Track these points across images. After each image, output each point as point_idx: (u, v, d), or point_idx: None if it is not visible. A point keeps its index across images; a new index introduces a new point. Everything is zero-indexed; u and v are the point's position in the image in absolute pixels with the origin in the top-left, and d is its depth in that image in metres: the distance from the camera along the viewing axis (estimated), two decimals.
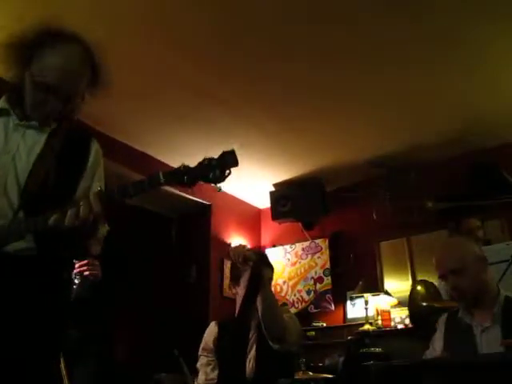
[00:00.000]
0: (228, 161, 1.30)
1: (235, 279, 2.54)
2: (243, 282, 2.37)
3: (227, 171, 1.29)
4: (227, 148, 1.30)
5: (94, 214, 1.25)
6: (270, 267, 2.63)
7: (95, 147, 1.59)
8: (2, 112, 1.47)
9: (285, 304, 5.43)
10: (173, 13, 3.11)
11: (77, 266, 2.55)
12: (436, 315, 2.68)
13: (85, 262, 2.56)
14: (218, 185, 1.29)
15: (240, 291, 2.43)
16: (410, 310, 3.89)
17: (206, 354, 2.50)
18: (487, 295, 2.00)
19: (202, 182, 1.30)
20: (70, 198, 1.40)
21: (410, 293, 3.79)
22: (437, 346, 2.10)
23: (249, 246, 5.67)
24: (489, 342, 1.90)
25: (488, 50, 3.50)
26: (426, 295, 3.13)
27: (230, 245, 5.38)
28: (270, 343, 2.28)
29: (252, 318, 2.28)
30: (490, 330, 1.93)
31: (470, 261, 2.02)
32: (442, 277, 2.09)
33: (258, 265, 2.22)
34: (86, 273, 2.57)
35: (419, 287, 3.20)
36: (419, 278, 4.77)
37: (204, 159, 1.31)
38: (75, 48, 1.46)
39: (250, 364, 2.33)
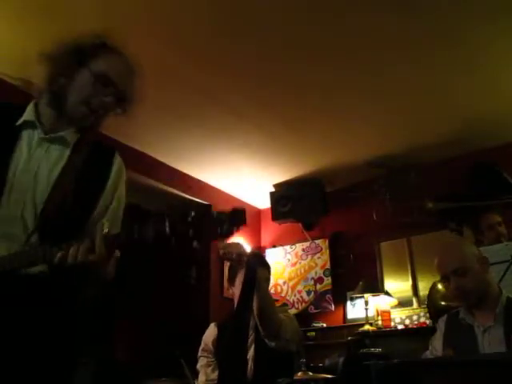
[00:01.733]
0: (237, 219, 1.23)
1: (231, 279, 2.54)
2: (239, 281, 2.38)
3: (235, 229, 1.23)
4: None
5: (97, 257, 1.21)
6: (267, 267, 2.63)
7: (118, 163, 1.55)
8: (27, 124, 1.44)
9: (285, 304, 5.43)
10: (173, 12, 3.11)
11: None
12: None
13: None
14: (228, 238, 1.26)
15: (236, 291, 2.43)
16: (428, 308, 3.86)
17: (206, 354, 2.51)
18: (489, 296, 2.00)
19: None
20: (89, 218, 1.40)
21: (429, 292, 3.78)
22: (437, 346, 2.10)
23: (245, 246, 5.67)
24: (491, 342, 1.89)
25: (488, 50, 3.49)
26: (446, 294, 3.11)
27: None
28: (266, 341, 2.29)
29: (250, 317, 2.28)
30: (492, 329, 1.93)
31: (472, 261, 2.03)
32: (444, 278, 2.08)
33: (252, 264, 2.21)
34: None
35: (439, 286, 3.19)
36: (419, 280, 4.78)
37: (214, 215, 1.23)
38: (129, 59, 1.54)
39: (248, 364, 2.33)
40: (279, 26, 3.25)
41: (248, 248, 5.60)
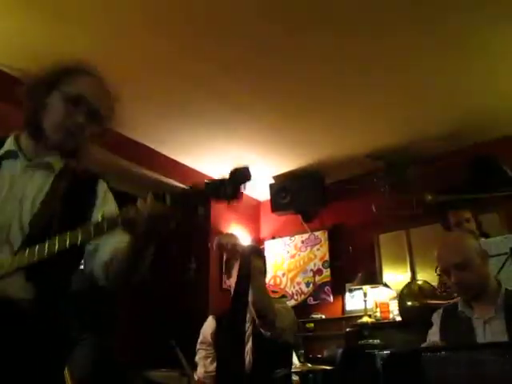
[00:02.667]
0: (239, 177, 1.22)
1: (228, 271, 2.55)
2: (235, 273, 2.38)
3: (240, 190, 1.22)
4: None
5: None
6: (262, 258, 2.64)
7: (103, 189, 1.54)
8: (9, 154, 1.43)
9: (284, 296, 5.45)
10: (170, 5, 3.09)
11: None
12: (429, 313, 2.70)
13: None
14: (233, 201, 1.24)
15: (233, 283, 2.44)
16: (399, 308, 3.91)
17: (204, 347, 2.52)
18: (489, 288, 2.02)
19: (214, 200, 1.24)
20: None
21: (399, 298, 3.82)
22: (433, 340, 2.11)
23: (245, 237, 5.68)
24: (493, 333, 1.92)
25: (488, 44, 3.48)
26: (416, 295, 3.16)
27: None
28: (262, 331, 2.30)
29: (246, 309, 2.29)
30: (493, 321, 1.95)
31: (473, 255, 2.04)
32: (444, 271, 2.10)
33: (246, 255, 2.21)
34: None
35: (414, 286, 3.23)
36: (418, 272, 4.79)
37: (215, 180, 1.23)
38: (102, 79, 1.52)
39: (247, 357, 2.34)
40: (280, 16, 3.24)
41: (246, 240, 5.62)
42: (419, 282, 3.76)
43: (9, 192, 1.37)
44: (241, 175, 1.22)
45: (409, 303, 3.59)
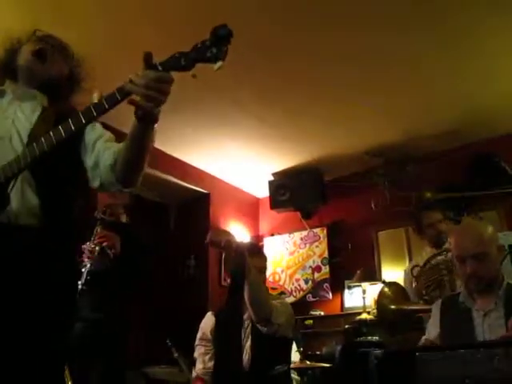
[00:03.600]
0: (221, 37, 1.23)
1: (227, 268, 2.56)
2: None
3: (224, 47, 1.23)
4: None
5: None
6: (263, 256, 2.64)
7: None
8: None
9: (282, 293, 5.45)
10: (170, 1, 3.09)
11: (96, 237, 2.63)
12: (404, 317, 2.70)
13: (104, 233, 2.65)
14: (219, 63, 1.24)
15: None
16: (378, 312, 3.91)
17: (203, 343, 2.52)
18: (496, 282, 2.01)
19: (201, 64, 1.27)
20: (72, 154, 1.51)
21: (378, 296, 3.81)
22: (432, 331, 2.11)
23: (244, 234, 5.68)
24: (491, 325, 1.91)
25: (487, 41, 3.47)
26: (394, 298, 3.15)
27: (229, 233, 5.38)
28: (258, 327, 2.30)
29: (242, 305, 2.29)
30: (492, 313, 1.95)
31: (491, 247, 2.01)
32: (459, 258, 2.05)
33: (241, 251, 2.21)
34: (105, 243, 2.63)
35: (386, 289, 3.21)
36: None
37: (197, 43, 1.27)
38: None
39: (246, 354, 2.34)
40: (278, 14, 3.23)
41: (245, 237, 5.62)
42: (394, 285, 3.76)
43: (2, 115, 1.52)
44: (222, 33, 1.22)
45: (385, 303, 3.58)
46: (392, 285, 3.50)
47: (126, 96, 1.27)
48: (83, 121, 1.31)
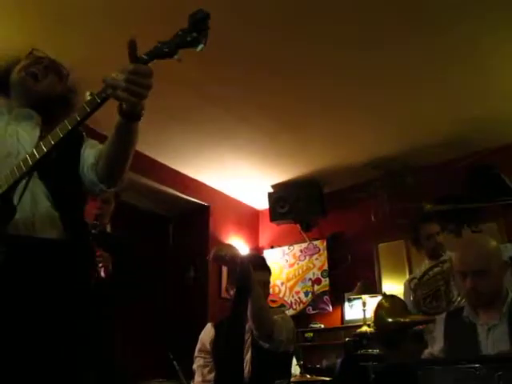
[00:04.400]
0: (199, 20, 1.30)
1: (232, 281, 2.54)
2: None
3: (203, 31, 1.30)
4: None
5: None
6: (267, 270, 2.63)
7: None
8: None
9: (283, 305, 5.43)
10: (169, 12, 3.11)
11: None
12: (402, 330, 2.69)
13: (99, 253, 2.62)
14: (200, 45, 1.31)
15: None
16: (375, 325, 3.89)
17: (203, 355, 2.50)
18: (499, 297, 2.00)
19: (183, 49, 1.33)
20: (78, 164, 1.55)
21: (375, 309, 3.80)
22: (436, 346, 2.09)
23: (243, 246, 5.67)
24: (495, 340, 1.89)
25: (487, 53, 3.50)
26: (392, 310, 3.14)
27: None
28: (260, 343, 2.29)
29: (245, 320, 2.28)
30: (496, 328, 1.93)
31: (495, 264, 2.00)
32: (460, 274, 2.05)
33: (245, 265, 2.20)
34: (100, 264, 2.61)
35: (384, 302, 3.20)
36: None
37: (178, 31, 1.33)
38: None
39: (246, 367, 2.33)
40: (279, 26, 3.26)
41: (244, 249, 5.61)
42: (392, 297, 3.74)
43: (3, 133, 1.52)
44: (199, 18, 1.29)
45: (383, 316, 3.56)
46: (390, 297, 3.49)
47: (108, 95, 1.31)
48: (78, 118, 1.34)
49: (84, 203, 1.62)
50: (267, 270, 2.62)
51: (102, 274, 2.65)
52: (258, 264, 2.54)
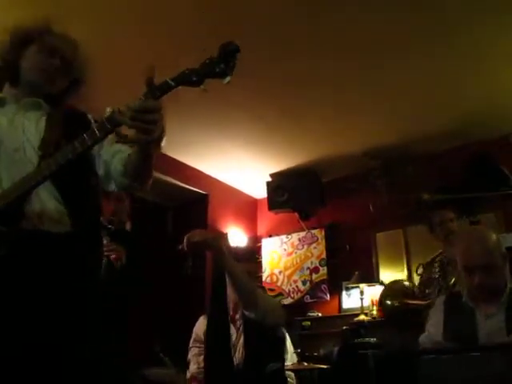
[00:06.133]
0: (229, 52, 1.33)
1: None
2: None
3: (232, 63, 1.33)
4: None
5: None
6: (253, 262, 2.65)
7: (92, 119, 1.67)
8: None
9: (280, 294, 5.45)
10: (169, 6, 3.08)
11: (104, 249, 2.61)
12: (411, 312, 2.71)
13: (113, 247, 2.63)
14: (228, 78, 1.35)
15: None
16: (383, 311, 3.95)
17: (197, 345, 2.56)
18: (500, 288, 1.99)
19: (210, 79, 1.35)
20: (85, 159, 1.50)
21: (380, 295, 3.85)
22: (435, 330, 2.07)
23: (242, 235, 5.67)
24: (492, 329, 1.89)
25: (489, 43, 3.48)
26: (397, 295, 3.18)
27: (226, 234, 5.38)
28: (246, 313, 2.30)
29: (225, 297, 2.29)
30: (494, 317, 1.93)
31: (498, 257, 1.99)
32: (466, 268, 2.02)
33: (217, 245, 2.22)
34: (113, 256, 2.62)
35: (387, 287, 3.25)
36: (414, 270, 4.82)
37: (206, 59, 1.35)
38: (70, 36, 1.68)
39: (239, 352, 2.35)
40: (278, 19, 3.23)
41: (243, 238, 5.62)
42: (401, 282, 3.79)
43: (10, 125, 1.49)
44: (229, 50, 1.32)
45: (388, 302, 3.62)
46: (393, 283, 3.53)
47: (115, 126, 1.30)
48: (88, 143, 1.33)
49: (95, 197, 1.59)
50: (253, 262, 2.64)
51: (117, 266, 2.66)
52: (245, 256, 2.58)
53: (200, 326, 2.61)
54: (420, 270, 3.25)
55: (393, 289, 3.56)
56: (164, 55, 3.54)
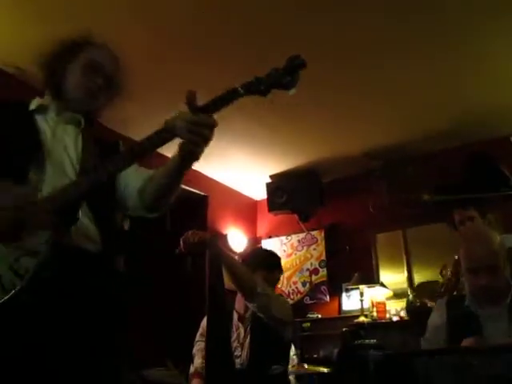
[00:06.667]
0: (296, 66, 1.34)
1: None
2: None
3: (296, 75, 1.35)
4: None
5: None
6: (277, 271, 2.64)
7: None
8: (41, 108, 1.58)
9: (280, 295, 5.43)
10: (168, 6, 3.08)
11: None
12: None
13: None
14: (293, 90, 1.38)
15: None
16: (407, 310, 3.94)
17: (203, 339, 2.54)
18: (504, 289, 1.96)
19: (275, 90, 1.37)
20: (116, 182, 1.56)
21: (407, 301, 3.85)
22: (437, 333, 2.03)
23: (242, 236, 5.66)
24: (496, 332, 1.87)
25: (489, 43, 3.47)
26: (422, 295, 3.17)
27: (226, 236, 5.37)
28: (247, 303, 2.30)
29: (223, 292, 2.30)
30: (498, 320, 1.90)
31: (503, 257, 1.96)
32: (470, 270, 1.98)
33: (214, 243, 2.26)
34: None
35: (415, 289, 3.24)
36: (415, 271, 4.81)
37: (272, 69, 1.39)
38: (111, 49, 1.70)
39: (244, 351, 2.35)
40: (278, 20, 3.23)
41: (242, 239, 5.61)
42: (425, 282, 3.78)
43: (53, 138, 1.51)
44: (295, 63, 1.34)
45: (412, 301, 3.60)
46: (426, 283, 3.50)
47: (172, 136, 1.37)
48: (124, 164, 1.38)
49: (119, 219, 1.63)
50: (281, 269, 2.64)
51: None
52: (274, 263, 2.58)
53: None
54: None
55: (421, 288, 3.54)
56: (165, 56, 3.54)
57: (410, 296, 3.93)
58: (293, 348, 3.32)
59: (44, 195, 1.34)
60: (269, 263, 2.62)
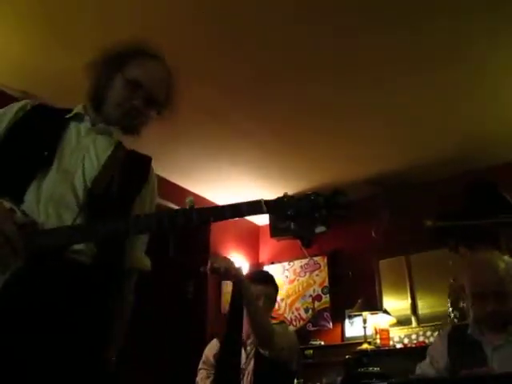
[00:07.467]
0: (339, 203, 1.17)
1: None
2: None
3: (337, 214, 1.17)
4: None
5: None
6: (269, 283, 2.62)
7: (153, 172, 1.73)
8: (77, 116, 1.56)
9: (283, 322, 5.37)
10: (174, 31, 3.13)
11: None
12: None
13: None
14: (323, 228, 1.19)
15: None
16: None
17: (206, 367, 2.54)
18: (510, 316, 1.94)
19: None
20: (127, 211, 1.49)
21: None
22: (438, 362, 2.00)
23: (242, 262, 5.64)
24: (501, 361, 1.83)
25: (490, 67, 3.52)
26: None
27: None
28: (261, 350, 2.28)
29: (240, 332, 2.27)
30: (502, 348, 1.88)
31: (509, 283, 1.93)
32: (477, 295, 1.96)
33: (240, 278, 2.20)
34: None
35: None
36: (418, 298, 4.76)
37: (311, 193, 1.27)
38: (164, 64, 1.64)
39: (248, 377, 2.32)
40: (279, 45, 3.28)
41: (244, 265, 5.58)
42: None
43: (76, 146, 1.48)
44: (340, 201, 1.13)
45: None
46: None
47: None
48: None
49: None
50: (269, 284, 2.62)
51: None
52: (259, 278, 2.56)
53: (211, 348, 2.58)
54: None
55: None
56: None
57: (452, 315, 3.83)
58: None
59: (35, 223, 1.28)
60: (265, 278, 2.62)
